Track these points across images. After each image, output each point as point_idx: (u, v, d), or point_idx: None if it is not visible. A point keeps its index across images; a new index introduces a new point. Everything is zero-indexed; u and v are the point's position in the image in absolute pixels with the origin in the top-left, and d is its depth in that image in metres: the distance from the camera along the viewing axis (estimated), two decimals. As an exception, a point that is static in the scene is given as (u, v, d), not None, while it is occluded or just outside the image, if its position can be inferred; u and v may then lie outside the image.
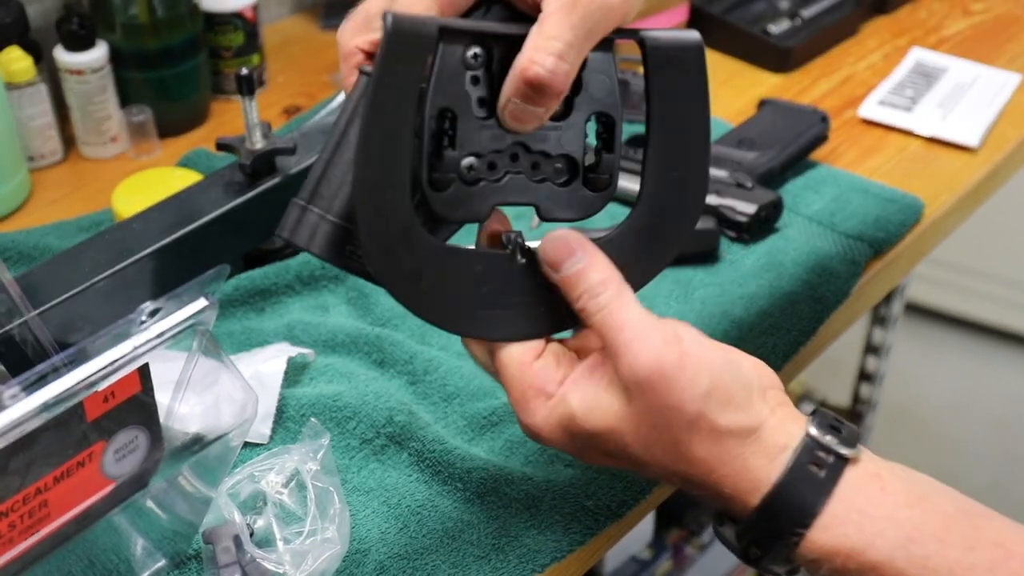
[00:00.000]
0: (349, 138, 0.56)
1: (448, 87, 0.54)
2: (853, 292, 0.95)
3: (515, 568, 0.71)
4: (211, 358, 0.59)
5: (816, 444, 0.55)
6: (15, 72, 1.04)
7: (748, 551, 0.57)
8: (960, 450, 2.20)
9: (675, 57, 0.58)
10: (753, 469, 0.55)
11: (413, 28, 0.52)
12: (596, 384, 0.57)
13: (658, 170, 0.59)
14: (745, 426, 0.55)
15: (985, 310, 2.37)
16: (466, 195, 0.56)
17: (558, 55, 0.52)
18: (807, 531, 0.54)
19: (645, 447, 0.56)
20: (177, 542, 0.69)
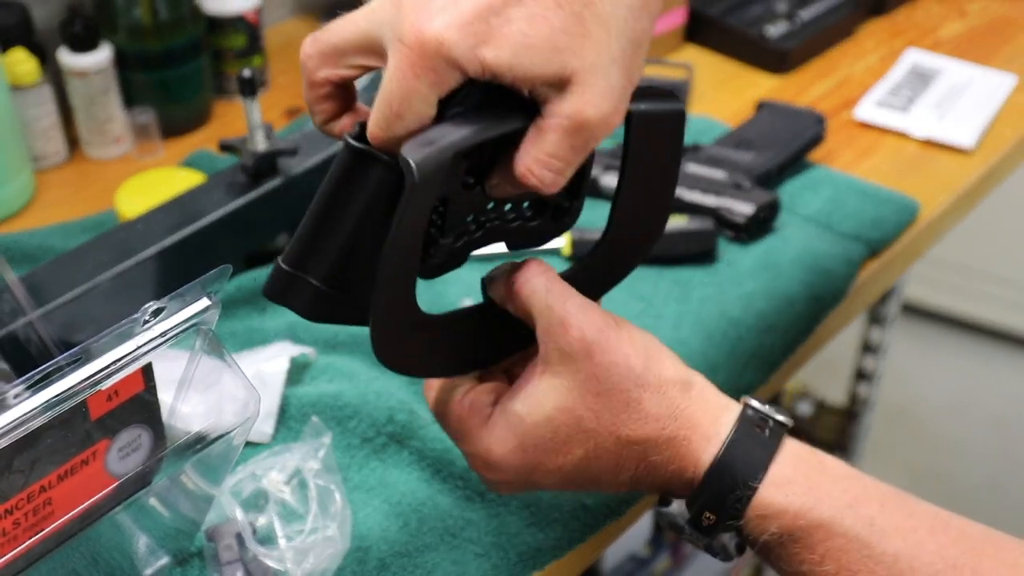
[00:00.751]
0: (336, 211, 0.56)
1: (446, 183, 0.56)
2: (850, 292, 0.96)
3: (515, 566, 0.72)
4: (213, 357, 0.59)
5: (754, 410, 0.59)
6: (20, 74, 1.05)
7: (700, 518, 0.58)
8: (957, 449, 2.20)
9: (656, 127, 0.59)
10: (701, 423, 0.58)
11: (435, 168, 0.52)
12: (535, 379, 0.59)
13: (624, 218, 0.62)
14: (684, 378, 0.59)
15: (982, 310, 2.38)
16: (450, 257, 0.59)
17: (557, 172, 0.53)
18: (759, 485, 0.56)
19: (596, 416, 0.58)
20: (180, 540, 0.70)
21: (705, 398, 0.59)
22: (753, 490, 0.56)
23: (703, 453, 0.58)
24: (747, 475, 0.57)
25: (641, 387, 0.58)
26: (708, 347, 0.88)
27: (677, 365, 0.60)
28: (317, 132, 0.97)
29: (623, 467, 0.60)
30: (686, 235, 0.96)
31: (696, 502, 0.58)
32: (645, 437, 0.58)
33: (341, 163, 0.56)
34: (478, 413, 0.61)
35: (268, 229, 0.95)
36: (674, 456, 0.58)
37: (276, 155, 0.92)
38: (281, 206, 0.94)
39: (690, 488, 0.59)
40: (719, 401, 0.60)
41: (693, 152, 1.06)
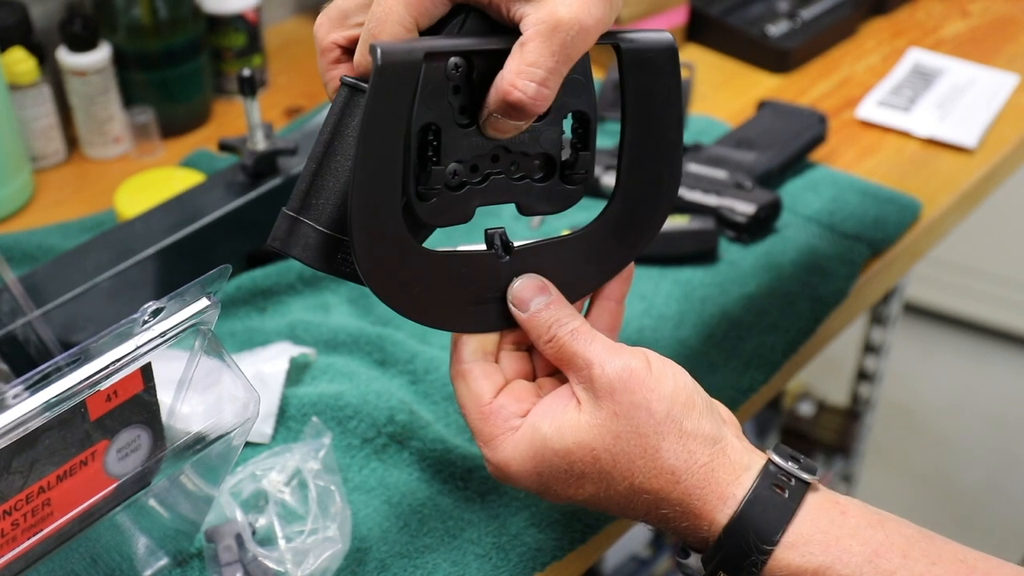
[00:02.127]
0: (336, 149, 0.57)
1: (432, 102, 0.55)
2: (851, 292, 0.96)
3: (516, 566, 0.71)
4: (213, 358, 0.59)
5: (778, 468, 0.57)
6: (19, 73, 1.04)
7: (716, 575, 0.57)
8: (958, 449, 2.20)
9: (649, 59, 0.59)
10: (719, 483, 0.57)
11: (401, 59, 0.53)
12: (564, 404, 0.59)
13: (632, 166, 0.61)
14: (709, 434, 0.57)
15: (983, 310, 2.37)
16: (451, 200, 0.58)
17: (540, 82, 0.53)
18: (774, 549, 0.55)
19: (613, 458, 0.57)
20: (179, 541, 0.70)
21: (728, 456, 0.57)
22: (768, 553, 0.55)
23: (718, 514, 0.56)
24: (763, 538, 0.55)
25: (660, 435, 0.57)
26: (709, 347, 0.88)
27: (704, 418, 0.57)
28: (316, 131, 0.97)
29: (633, 510, 0.59)
30: (687, 235, 0.95)
31: (711, 562, 0.57)
32: (659, 488, 0.57)
33: (337, 103, 0.57)
34: (505, 422, 0.60)
35: (268, 229, 0.94)
36: (687, 513, 0.57)
37: (276, 154, 0.92)
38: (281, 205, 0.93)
39: (706, 544, 0.58)
40: (742, 460, 0.57)
41: (694, 152, 1.06)
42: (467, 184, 0.58)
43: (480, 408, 0.60)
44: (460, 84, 0.56)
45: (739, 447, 0.58)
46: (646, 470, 0.57)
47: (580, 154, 0.60)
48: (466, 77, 0.56)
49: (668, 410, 0.57)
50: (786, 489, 0.56)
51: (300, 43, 1.33)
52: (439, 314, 0.60)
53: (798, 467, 0.57)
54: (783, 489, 0.56)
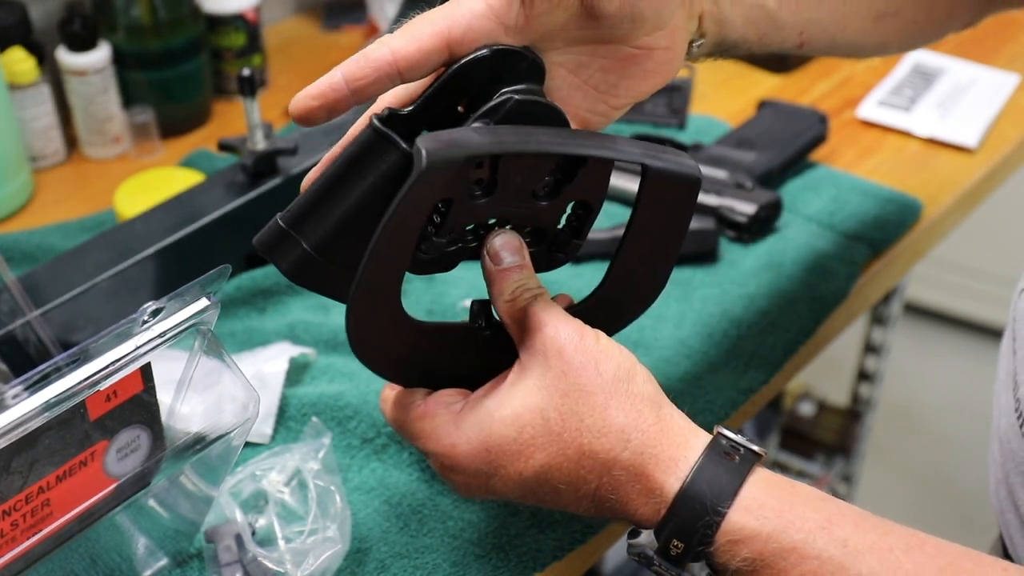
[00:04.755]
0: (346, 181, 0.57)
1: (454, 185, 0.56)
2: (852, 292, 0.95)
3: (516, 567, 0.71)
4: (213, 358, 0.59)
5: (726, 438, 0.57)
6: (18, 73, 1.04)
7: (669, 546, 0.56)
8: (958, 449, 2.20)
9: (672, 185, 0.60)
10: (669, 444, 0.56)
11: (443, 166, 0.53)
12: (508, 379, 0.59)
13: (627, 263, 0.63)
14: (654, 397, 0.58)
15: (984, 310, 2.37)
16: (439, 257, 0.59)
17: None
18: (728, 511, 0.54)
19: (562, 416, 0.57)
20: (179, 541, 0.69)
21: (675, 421, 0.58)
22: (722, 515, 0.54)
23: (670, 476, 0.56)
24: (716, 500, 0.55)
25: (609, 394, 0.57)
26: (709, 347, 0.88)
27: (649, 384, 0.58)
28: (316, 131, 0.97)
29: (585, 479, 0.58)
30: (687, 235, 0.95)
31: (664, 530, 0.56)
32: (609, 448, 0.56)
33: (361, 140, 0.57)
34: (446, 410, 0.60)
35: (268, 229, 0.95)
36: (638, 475, 0.56)
37: (275, 154, 0.92)
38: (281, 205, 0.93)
39: (656, 516, 0.57)
40: (689, 426, 0.58)
41: (694, 152, 1.06)
42: (460, 245, 0.60)
43: (415, 410, 0.61)
44: (483, 163, 0.57)
45: (684, 417, 0.59)
46: (595, 429, 0.56)
47: (572, 240, 0.62)
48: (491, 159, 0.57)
49: (615, 372, 0.57)
50: (736, 456, 0.56)
51: (300, 43, 1.33)
52: (409, 377, 0.62)
53: (747, 439, 0.57)
54: (733, 456, 0.56)
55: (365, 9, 1.29)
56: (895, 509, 2.24)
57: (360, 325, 0.58)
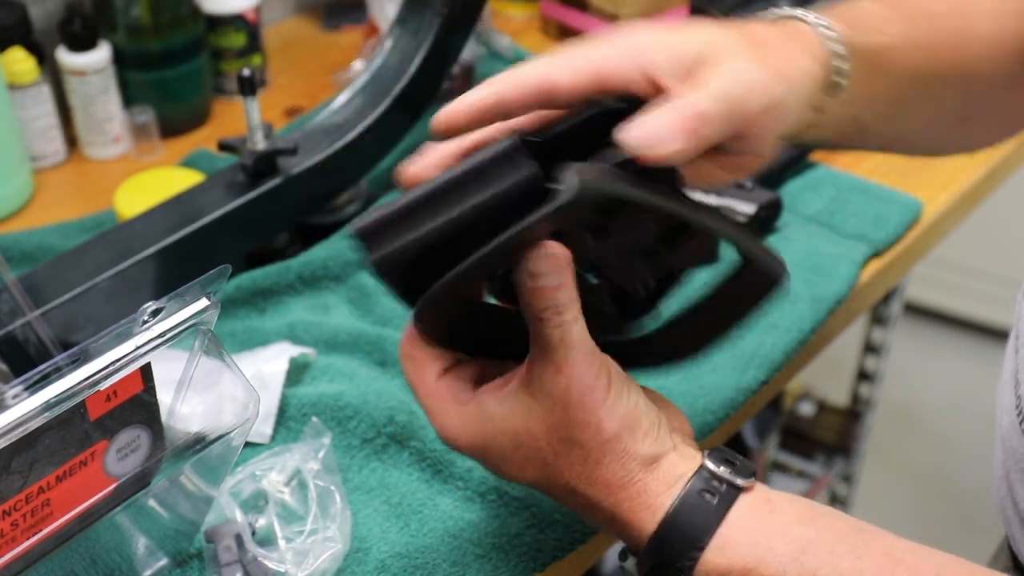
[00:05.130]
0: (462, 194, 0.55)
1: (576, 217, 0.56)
2: (852, 292, 0.95)
3: (516, 567, 0.71)
4: (213, 358, 0.59)
5: (711, 475, 0.57)
6: (18, 73, 1.04)
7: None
8: (959, 449, 2.20)
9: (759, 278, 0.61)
10: (650, 495, 0.57)
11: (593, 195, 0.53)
12: (518, 387, 0.59)
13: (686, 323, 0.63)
14: (649, 454, 0.58)
15: (984, 310, 2.37)
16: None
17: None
18: (701, 554, 0.56)
19: (556, 455, 0.58)
20: (179, 541, 0.69)
21: (662, 471, 0.58)
22: (694, 559, 0.56)
23: (646, 524, 0.57)
24: (689, 543, 0.56)
25: (603, 451, 0.57)
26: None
27: (648, 440, 0.58)
28: (316, 131, 0.97)
29: (571, 504, 0.60)
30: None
31: (643, 566, 0.58)
32: (593, 496, 0.58)
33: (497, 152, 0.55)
34: (453, 399, 0.60)
35: (267, 229, 0.95)
36: (617, 521, 0.59)
37: (275, 154, 0.92)
38: (281, 205, 0.93)
39: (638, 550, 0.59)
40: (676, 470, 0.58)
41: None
42: None
43: (427, 385, 0.61)
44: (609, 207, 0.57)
45: (676, 460, 0.58)
46: (583, 477, 0.58)
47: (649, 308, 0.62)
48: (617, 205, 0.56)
49: (616, 430, 0.57)
50: (716, 494, 0.57)
51: (300, 43, 1.32)
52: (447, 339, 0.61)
53: (732, 471, 0.57)
54: (713, 494, 0.57)
55: (365, 9, 1.29)
56: (895, 509, 2.24)
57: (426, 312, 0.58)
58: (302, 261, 0.94)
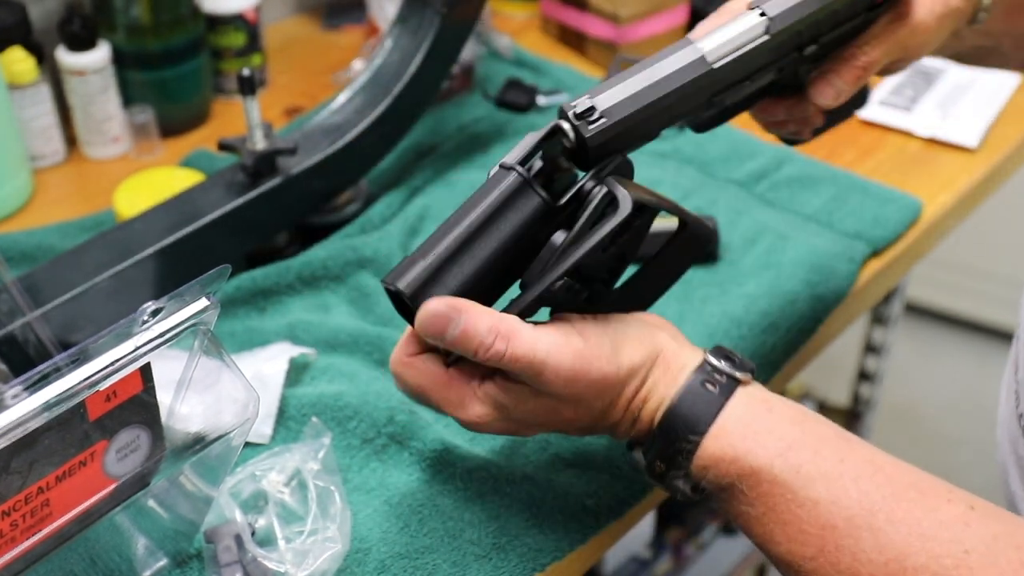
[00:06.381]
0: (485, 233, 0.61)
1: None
2: (852, 291, 0.95)
3: (516, 567, 0.71)
4: (213, 358, 0.59)
5: (712, 368, 0.63)
6: (17, 73, 1.04)
7: (654, 465, 0.64)
8: (959, 450, 2.20)
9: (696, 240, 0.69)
10: (658, 390, 0.63)
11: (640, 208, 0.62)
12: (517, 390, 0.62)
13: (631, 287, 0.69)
14: (651, 351, 0.63)
15: (985, 310, 2.37)
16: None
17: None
18: (702, 438, 0.61)
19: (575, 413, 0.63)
20: (179, 541, 0.69)
21: (668, 363, 0.63)
22: (694, 443, 0.61)
23: (655, 416, 0.63)
24: (690, 429, 0.61)
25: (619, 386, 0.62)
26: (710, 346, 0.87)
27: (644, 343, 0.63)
28: (316, 131, 0.97)
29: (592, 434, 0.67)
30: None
31: (649, 453, 0.64)
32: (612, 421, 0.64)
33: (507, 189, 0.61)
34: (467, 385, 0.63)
35: (267, 228, 0.95)
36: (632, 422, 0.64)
37: (275, 154, 0.92)
38: (280, 205, 0.93)
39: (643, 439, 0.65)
40: (678, 361, 0.63)
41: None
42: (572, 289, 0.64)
43: (439, 378, 0.63)
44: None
45: (675, 350, 0.64)
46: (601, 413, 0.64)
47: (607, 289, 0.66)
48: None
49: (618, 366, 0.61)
50: (716, 385, 0.62)
51: (300, 43, 1.32)
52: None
53: (732, 366, 0.63)
54: (714, 385, 0.62)
55: (365, 9, 1.29)
56: (895, 509, 2.23)
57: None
58: (302, 261, 0.94)
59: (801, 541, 0.58)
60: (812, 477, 0.59)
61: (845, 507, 0.58)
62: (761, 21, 0.66)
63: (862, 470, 0.59)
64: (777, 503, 0.59)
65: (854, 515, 0.57)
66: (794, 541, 0.59)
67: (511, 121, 1.15)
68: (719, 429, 0.61)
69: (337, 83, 1.23)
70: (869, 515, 0.57)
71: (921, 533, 0.56)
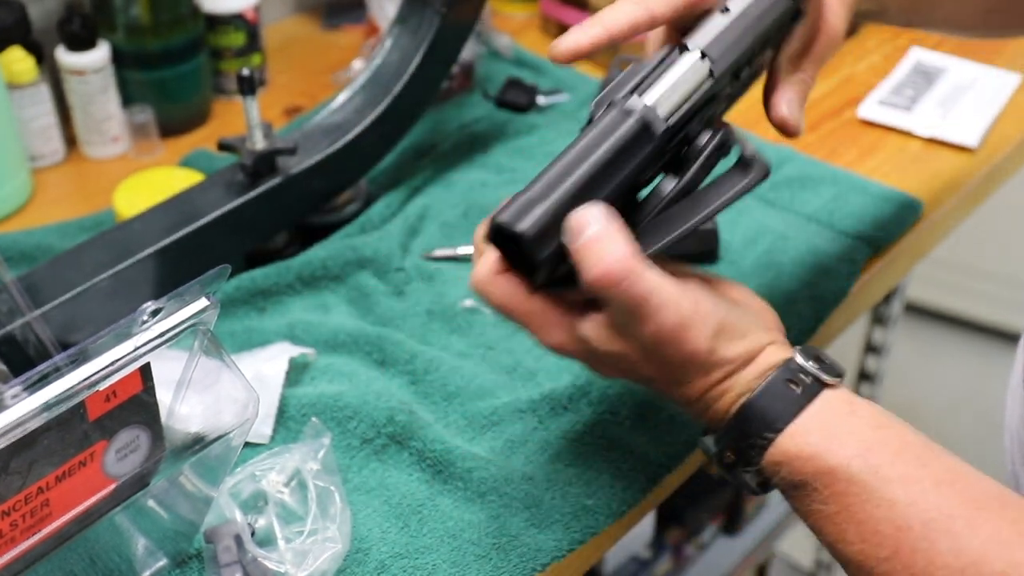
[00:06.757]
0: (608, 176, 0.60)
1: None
2: (852, 291, 0.95)
3: (516, 567, 0.71)
4: (212, 358, 0.59)
5: (798, 367, 0.61)
6: (17, 73, 1.04)
7: (723, 455, 0.63)
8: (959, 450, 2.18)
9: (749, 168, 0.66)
10: (742, 385, 0.62)
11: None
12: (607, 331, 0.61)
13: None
14: (744, 353, 0.62)
15: (985, 310, 2.37)
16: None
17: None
18: (776, 436, 0.60)
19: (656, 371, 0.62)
20: (178, 541, 0.69)
21: (759, 364, 0.62)
22: (768, 440, 0.60)
23: (733, 406, 0.62)
24: (766, 425, 0.60)
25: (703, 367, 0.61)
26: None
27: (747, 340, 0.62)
28: (316, 131, 0.97)
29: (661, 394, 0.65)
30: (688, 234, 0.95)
31: (721, 442, 0.63)
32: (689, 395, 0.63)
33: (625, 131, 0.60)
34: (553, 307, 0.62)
35: (267, 228, 0.95)
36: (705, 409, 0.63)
37: (275, 154, 0.92)
38: (280, 205, 0.93)
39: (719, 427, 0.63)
40: (770, 360, 0.62)
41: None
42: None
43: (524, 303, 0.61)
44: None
45: (772, 352, 0.63)
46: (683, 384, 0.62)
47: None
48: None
49: (711, 346, 0.60)
50: (800, 386, 0.61)
51: (300, 42, 1.32)
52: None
53: (820, 367, 0.61)
54: (797, 385, 0.61)
55: (365, 8, 1.29)
56: (895, 509, 2.23)
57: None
58: (302, 261, 0.94)
59: (875, 542, 0.58)
60: (890, 479, 0.58)
61: (923, 510, 0.57)
62: (702, 64, 0.64)
63: (943, 476, 0.58)
64: (852, 502, 0.58)
65: (932, 519, 0.56)
66: (868, 541, 0.58)
67: (511, 121, 1.15)
68: (797, 427, 0.60)
69: (337, 83, 1.23)
70: (948, 519, 0.56)
71: (1000, 540, 0.55)
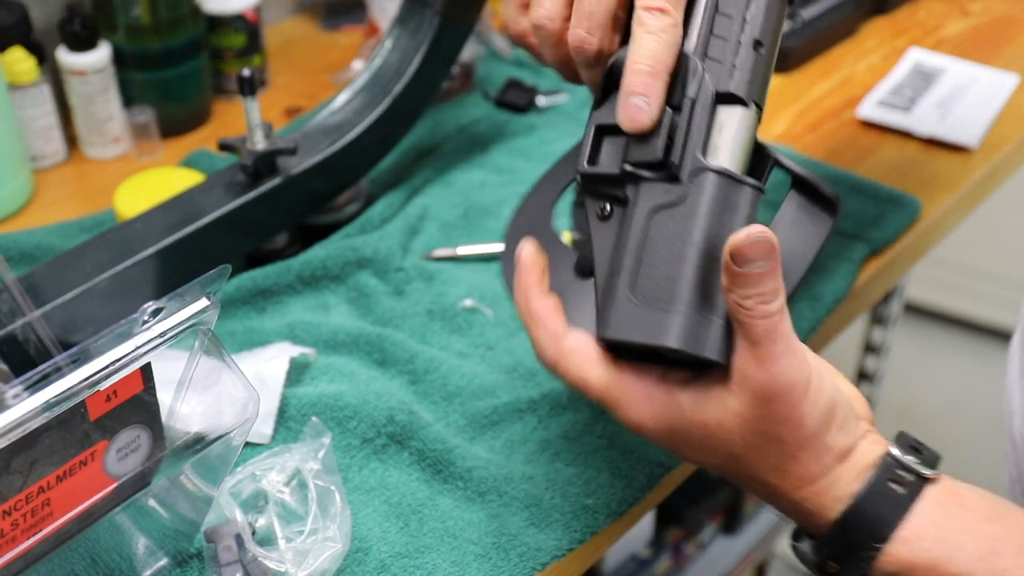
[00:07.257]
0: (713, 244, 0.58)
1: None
2: (851, 291, 0.95)
3: (516, 566, 0.71)
4: (213, 358, 0.59)
5: (896, 463, 0.57)
6: (18, 73, 1.04)
7: (825, 565, 0.58)
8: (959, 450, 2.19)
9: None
10: (840, 485, 0.56)
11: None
12: (713, 381, 0.57)
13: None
14: (843, 446, 0.57)
15: (984, 310, 2.37)
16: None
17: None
18: (886, 545, 0.55)
19: (747, 450, 0.56)
20: (179, 541, 0.69)
21: (855, 462, 0.57)
22: (879, 549, 0.55)
23: (830, 512, 0.57)
24: (875, 535, 0.55)
25: (802, 448, 0.56)
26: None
27: (842, 432, 0.57)
28: (316, 131, 0.97)
29: (751, 490, 0.59)
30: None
31: (821, 552, 0.58)
32: (779, 486, 0.57)
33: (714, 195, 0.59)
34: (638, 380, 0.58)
35: (267, 229, 0.95)
36: (800, 512, 0.58)
37: (275, 154, 0.92)
38: (280, 205, 0.93)
39: (817, 532, 0.58)
40: (866, 459, 0.57)
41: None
42: None
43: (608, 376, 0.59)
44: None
45: (866, 448, 0.57)
46: (775, 470, 0.57)
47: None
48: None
49: (816, 427, 0.55)
50: (903, 484, 0.56)
51: (300, 43, 1.32)
52: None
53: (918, 460, 0.57)
54: (900, 484, 0.56)
55: (365, 9, 1.29)
56: (895, 509, 2.23)
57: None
58: (302, 261, 0.94)
59: None
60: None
61: None
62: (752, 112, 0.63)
63: None
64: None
65: None
66: None
67: (511, 121, 1.15)
68: (909, 532, 0.55)
69: (337, 83, 1.23)
70: None
71: None
